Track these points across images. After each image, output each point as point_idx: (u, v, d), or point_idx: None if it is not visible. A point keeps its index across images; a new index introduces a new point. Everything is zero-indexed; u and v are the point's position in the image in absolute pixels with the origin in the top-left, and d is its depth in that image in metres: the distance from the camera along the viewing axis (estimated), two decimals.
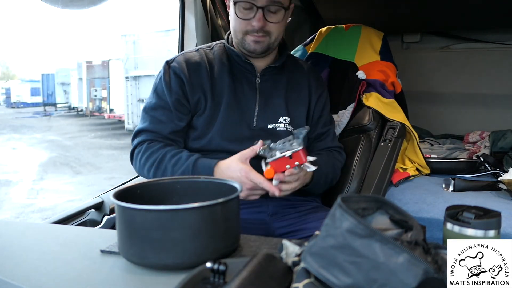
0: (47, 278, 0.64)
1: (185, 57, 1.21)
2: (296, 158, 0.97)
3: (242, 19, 1.13)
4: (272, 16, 1.13)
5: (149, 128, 1.16)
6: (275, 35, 1.16)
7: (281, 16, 1.14)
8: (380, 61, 1.93)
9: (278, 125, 1.20)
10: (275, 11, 1.12)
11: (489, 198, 1.53)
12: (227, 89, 1.17)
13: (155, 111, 1.17)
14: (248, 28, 1.13)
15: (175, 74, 1.17)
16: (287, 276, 0.51)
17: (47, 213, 4.97)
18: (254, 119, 1.18)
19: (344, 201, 0.48)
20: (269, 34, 1.14)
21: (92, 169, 7.48)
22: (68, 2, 1.17)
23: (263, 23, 1.11)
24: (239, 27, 1.15)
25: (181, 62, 1.19)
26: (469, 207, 0.68)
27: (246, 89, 1.19)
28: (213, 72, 1.19)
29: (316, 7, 2.37)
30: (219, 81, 1.18)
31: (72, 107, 20.48)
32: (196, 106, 1.17)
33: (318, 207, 1.21)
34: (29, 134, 12.29)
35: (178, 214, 0.64)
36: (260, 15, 1.10)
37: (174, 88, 1.16)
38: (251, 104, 1.19)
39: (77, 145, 10.27)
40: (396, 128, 1.71)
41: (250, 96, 1.19)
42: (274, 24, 1.13)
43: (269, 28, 1.13)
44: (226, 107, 1.15)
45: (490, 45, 2.45)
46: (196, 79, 1.17)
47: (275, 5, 1.11)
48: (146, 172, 1.14)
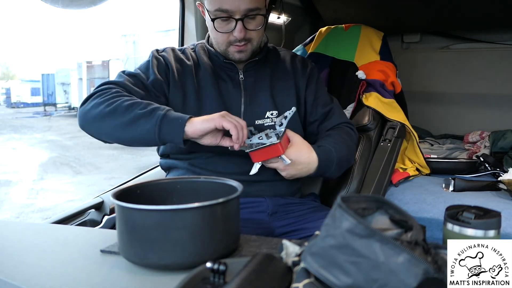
0: (47, 278, 0.64)
1: (174, 51, 1.22)
2: (274, 151, 1.00)
3: (222, 32, 1.13)
4: (252, 23, 1.12)
5: (120, 84, 1.09)
6: (257, 40, 1.16)
7: (261, 21, 1.14)
8: (380, 61, 1.93)
9: (265, 120, 1.18)
10: (254, 17, 1.12)
11: (489, 198, 1.53)
12: (211, 89, 1.16)
13: (132, 77, 1.13)
14: (231, 39, 1.13)
15: (164, 60, 1.17)
16: (287, 276, 0.51)
17: (47, 213, 4.96)
18: (240, 117, 1.16)
19: (344, 201, 0.48)
20: (250, 40, 1.15)
21: (92, 169, 7.47)
22: (68, 2, 1.17)
23: (244, 32, 1.11)
24: (221, 39, 1.15)
25: (170, 53, 1.20)
26: (469, 207, 0.68)
27: (230, 87, 1.19)
28: (197, 72, 1.19)
29: (316, 7, 2.37)
30: (203, 81, 1.18)
31: (72, 107, 20.47)
32: (174, 101, 1.14)
33: (318, 207, 1.21)
34: (29, 134, 12.29)
35: (178, 214, 0.64)
36: (240, 27, 1.10)
37: (159, 70, 1.15)
38: (237, 103, 1.18)
39: (77, 145, 10.26)
40: (396, 128, 1.71)
41: (235, 94, 1.18)
42: (255, 31, 1.14)
43: (250, 35, 1.13)
44: (212, 108, 1.11)
45: (490, 45, 2.45)
46: (181, 75, 1.17)
47: (253, 13, 1.10)
48: (93, 107, 1.01)
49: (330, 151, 1.13)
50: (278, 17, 2.13)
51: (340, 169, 1.19)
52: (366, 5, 2.28)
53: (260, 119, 1.17)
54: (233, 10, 1.08)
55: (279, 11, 2.10)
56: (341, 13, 2.37)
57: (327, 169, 1.13)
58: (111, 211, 1.44)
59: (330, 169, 1.14)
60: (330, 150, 1.13)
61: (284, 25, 2.14)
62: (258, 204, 1.12)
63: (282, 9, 2.09)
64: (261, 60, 1.22)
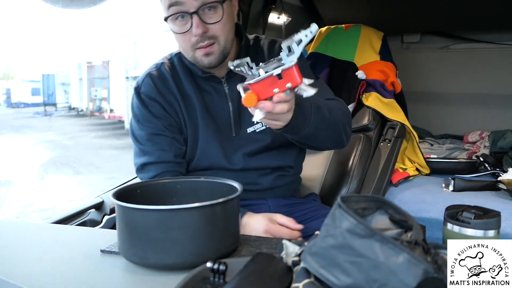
0: (47, 278, 0.64)
1: (152, 79, 1.10)
2: (288, 77, 0.70)
3: (181, 33, 1.00)
4: (211, 16, 0.98)
5: (153, 160, 1.08)
6: (224, 37, 1.01)
7: (221, 12, 0.99)
8: (380, 61, 1.94)
9: (256, 126, 1.10)
10: (212, 8, 0.98)
11: (489, 198, 1.53)
12: (199, 106, 1.09)
13: (151, 140, 1.08)
14: (193, 41, 1.00)
15: (151, 99, 1.09)
16: (287, 276, 0.51)
17: (47, 213, 4.97)
18: (232, 129, 1.10)
19: (344, 201, 0.48)
20: (215, 38, 1.00)
21: (92, 169, 7.48)
22: (68, 2, 1.17)
23: (203, 28, 0.97)
24: (184, 44, 1.03)
25: (150, 87, 1.09)
26: (469, 207, 0.68)
27: (216, 99, 1.10)
28: (181, 90, 1.10)
29: (316, 7, 2.37)
30: (189, 99, 1.10)
31: (72, 107, 20.49)
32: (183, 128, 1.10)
33: (319, 206, 1.21)
34: (29, 134, 12.29)
35: (178, 214, 0.64)
36: (197, 21, 0.96)
37: (158, 113, 1.08)
38: (226, 115, 1.10)
39: (77, 145, 10.27)
40: (396, 128, 1.71)
41: (222, 106, 1.10)
42: (216, 24, 0.99)
43: (213, 32, 0.99)
44: (205, 126, 1.08)
45: (490, 45, 2.45)
46: (168, 102, 1.09)
47: (209, 4, 0.97)
48: None
49: (318, 103, 0.92)
50: (278, 17, 2.13)
51: (327, 128, 0.95)
52: (366, 5, 2.28)
53: (251, 126, 1.10)
54: (183, 1, 0.96)
55: (279, 11, 2.10)
56: (341, 13, 2.37)
57: (310, 116, 0.88)
58: (111, 211, 1.44)
59: (312, 118, 0.88)
60: (319, 103, 0.93)
61: (284, 25, 2.14)
62: (259, 206, 1.12)
63: (282, 9, 2.09)
64: None
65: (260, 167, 1.12)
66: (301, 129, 0.88)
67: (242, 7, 1.82)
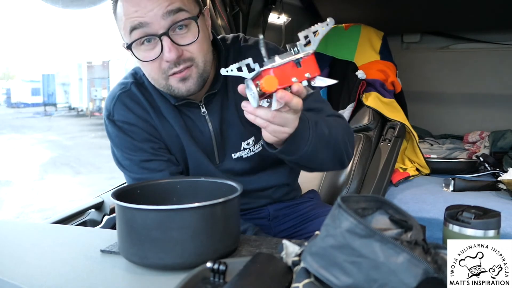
0: (47, 278, 0.64)
1: (124, 104, 0.94)
2: (308, 67, 0.64)
3: (150, 61, 0.84)
4: (185, 36, 0.83)
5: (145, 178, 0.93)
6: (202, 59, 0.85)
7: (195, 30, 0.83)
8: (380, 60, 1.94)
9: (242, 152, 0.98)
10: (184, 27, 0.83)
11: (489, 198, 1.53)
12: (180, 132, 0.95)
13: (143, 167, 0.94)
14: (164, 67, 0.84)
15: (130, 125, 0.94)
16: (287, 276, 0.51)
17: (47, 213, 4.97)
18: (215, 156, 0.97)
19: (344, 201, 0.48)
20: (192, 60, 0.84)
21: (92, 169, 7.48)
22: (68, 2, 1.17)
23: (176, 51, 0.81)
24: (153, 72, 0.86)
25: (125, 112, 0.94)
26: (469, 207, 0.68)
27: (196, 124, 0.96)
28: (159, 115, 0.95)
29: (316, 7, 2.37)
30: (168, 126, 0.95)
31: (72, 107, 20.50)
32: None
33: (318, 204, 1.20)
34: (29, 134, 12.29)
35: (178, 214, 0.64)
36: (168, 43, 0.80)
37: (143, 138, 0.94)
38: (208, 142, 0.96)
39: (77, 145, 10.28)
40: (396, 127, 1.72)
41: (203, 132, 0.96)
42: (192, 45, 0.83)
43: (188, 54, 0.83)
44: (191, 155, 0.96)
45: (490, 45, 2.46)
46: (150, 126, 0.95)
47: (180, 22, 0.81)
48: None
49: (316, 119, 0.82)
50: (278, 17, 2.13)
51: (327, 147, 0.84)
52: (366, 5, 2.29)
53: (237, 151, 0.98)
54: (148, 22, 0.80)
55: (279, 11, 2.10)
56: (341, 13, 2.37)
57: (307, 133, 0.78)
58: (111, 211, 1.44)
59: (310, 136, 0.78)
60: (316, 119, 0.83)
61: (284, 25, 2.14)
62: (259, 212, 1.11)
63: (282, 9, 2.09)
64: (220, 85, 0.94)
65: (253, 189, 1.03)
66: (299, 148, 0.77)
67: (242, 7, 1.82)
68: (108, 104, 0.96)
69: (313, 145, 0.79)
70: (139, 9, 0.80)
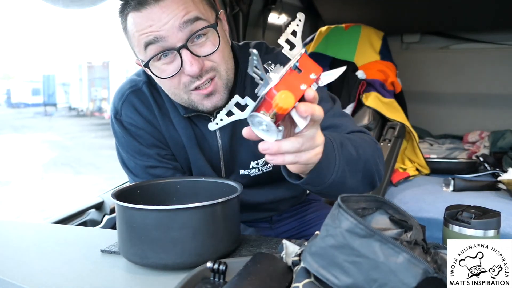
0: (47, 278, 0.64)
1: (134, 105, 0.90)
2: (308, 67, 0.56)
3: (170, 77, 0.78)
4: (204, 45, 0.77)
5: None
6: (224, 67, 0.80)
7: (214, 38, 0.77)
8: (380, 60, 1.94)
9: (250, 170, 0.93)
10: (202, 35, 0.76)
11: (489, 198, 1.53)
12: (187, 143, 0.91)
13: (148, 173, 0.92)
14: (185, 81, 0.78)
15: (138, 129, 0.91)
16: (287, 276, 0.52)
17: (47, 213, 4.97)
18: (222, 171, 0.94)
19: (344, 201, 0.48)
20: (214, 69, 0.78)
21: (92, 169, 7.48)
22: (68, 2, 1.17)
23: (198, 63, 0.75)
24: (173, 88, 0.80)
25: (134, 114, 0.90)
26: (468, 207, 0.68)
27: (206, 137, 0.91)
28: (167, 124, 0.91)
29: (316, 7, 2.37)
30: (175, 134, 0.91)
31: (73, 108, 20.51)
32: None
33: (320, 206, 1.20)
34: (29, 134, 12.30)
35: (178, 214, 0.64)
36: (189, 56, 0.74)
37: (150, 144, 0.91)
38: (216, 155, 0.92)
39: (77, 145, 10.28)
40: (396, 127, 1.71)
41: (212, 145, 0.92)
42: (213, 54, 0.77)
43: (210, 64, 0.77)
44: (195, 166, 0.93)
45: (490, 45, 2.46)
46: (158, 131, 0.92)
47: (198, 31, 0.75)
48: None
49: (341, 140, 0.72)
50: (278, 17, 2.13)
51: (356, 170, 0.73)
52: (366, 5, 2.29)
53: (245, 169, 0.93)
54: (164, 35, 0.74)
55: (279, 11, 2.10)
56: (341, 13, 2.38)
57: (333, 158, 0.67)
58: (111, 211, 1.44)
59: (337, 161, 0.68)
60: (341, 140, 0.72)
61: (284, 25, 2.14)
62: (261, 217, 1.11)
63: (282, 9, 2.09)
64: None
65: (260, 202, 0.99)
66: (326, 175, 0.66)
67: (242, 7, 1.82)
68: (116, 102, 0.92)
69: (341, 171, 0.68)
70: (153, 23, 0.73)
